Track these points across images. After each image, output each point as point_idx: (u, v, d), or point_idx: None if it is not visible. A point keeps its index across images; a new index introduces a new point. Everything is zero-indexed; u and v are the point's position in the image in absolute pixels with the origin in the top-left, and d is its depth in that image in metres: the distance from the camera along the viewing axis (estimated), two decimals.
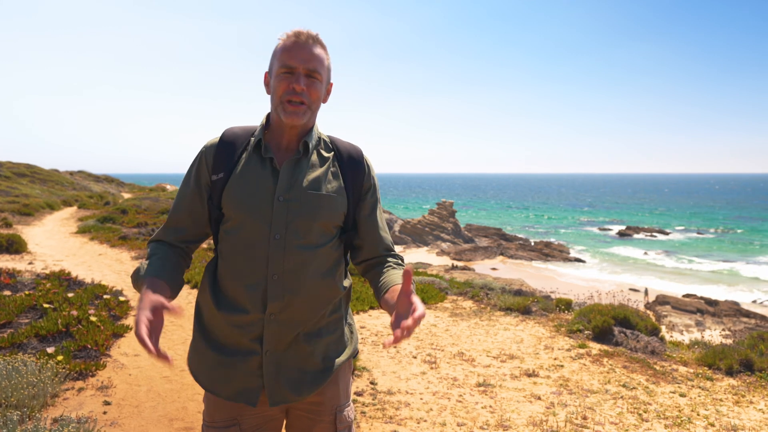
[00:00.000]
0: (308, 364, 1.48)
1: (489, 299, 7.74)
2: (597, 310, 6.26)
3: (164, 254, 1.49)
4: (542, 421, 3.65)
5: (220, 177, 1.47)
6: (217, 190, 1.47)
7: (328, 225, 1.48)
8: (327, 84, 1.51)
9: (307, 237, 1.45)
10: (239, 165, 1.47)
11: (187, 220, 1.53)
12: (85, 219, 15.63)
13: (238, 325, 1.44)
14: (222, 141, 1.50)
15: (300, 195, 1.45)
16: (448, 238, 38.78)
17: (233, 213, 1.45)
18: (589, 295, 13.43)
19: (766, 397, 4.29)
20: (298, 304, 1.44)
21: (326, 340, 1.52)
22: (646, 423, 3.69)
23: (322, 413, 1.54)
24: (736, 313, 20.14)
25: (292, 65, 1.42)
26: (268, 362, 1.44)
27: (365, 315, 6.65)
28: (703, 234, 48.98)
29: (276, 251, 1.42)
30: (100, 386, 3.87)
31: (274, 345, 1.44)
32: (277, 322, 1.43)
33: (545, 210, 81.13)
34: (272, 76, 1.47)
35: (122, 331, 5.06)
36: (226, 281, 1.46)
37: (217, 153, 1.49)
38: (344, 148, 1.58)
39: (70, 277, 7.05)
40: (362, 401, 3.94)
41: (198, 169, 1.51)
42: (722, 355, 5.06)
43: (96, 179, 40.10)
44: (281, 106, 1.43)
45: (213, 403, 1.50)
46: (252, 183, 1.45)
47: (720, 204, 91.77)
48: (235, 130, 1.52)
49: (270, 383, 1.44)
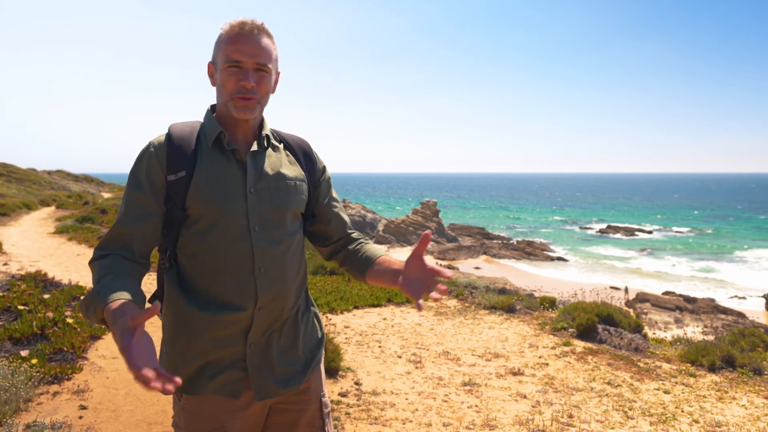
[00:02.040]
0: (292, 355, 1.49)
1: (473, 298, 7.73)
2: (581, 307, 6.27)
3: (119, 269, 1.28)
4: (528, 420, 3.63)
5: (180, 176, 1.37)
6: (178, 191, 1.37)
7: (297, 212, 1.51)
8: (275, 75, 1.48)
9: (282, 226, 1.45)
10: (201, 161, 1.40)
11: (142, 228, 1.36)
12: (63, 219, 15.32)
13: (225, 324, 1.39)
14: (171, 138, 1.40)
15: (270, 185, 1.44)
16: (432, 237, 38.85)
17: (205, 211, 1.38)
18: (573, 293, 13.54)
19: (749, 393, 4.32)
20: (282, 294, 1.44)
21: (303, 327, 1.53)
22: (631, 420, 3.69)
23: (309, 402, 1.54)
24: (713, 310, 20.48)
25: (238, 60, 1.36)
26: (252, 354, 1.41)
27: (349, 315, 6.59)
28: (683, 233, 49.76)
29: (259, 243, 1.40)
30: (76, 390, 3.75)
31: (257, 337, 1.42)
32: (265, 314, 1.41)
33: (529, 209, 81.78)
34: (218, 69, 1.40)
35: (100, 333, 4.93)
36: (206, 282, 1.39)
37: (170, 151, 1.38)
38: (292, 139, 1.60)
39: (47, 278, 6.87)
40: (347, 402, 3.88)
41: (149, 171, 1.38)
42: (704, 352, 5.10)
43: (75, 179, 39.40)
44: (231, 102, 1.39)
45: (192, 414, 1.41)
46: (221, 178, 1.39)
47: (705, 203, 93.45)
48: (180, 126, 1.44)
49: (255, 377, 1.41)
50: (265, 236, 1.41)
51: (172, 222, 1.40)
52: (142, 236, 1.37)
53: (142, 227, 1.37)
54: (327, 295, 7.17)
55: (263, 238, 1.40)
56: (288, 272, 1.45)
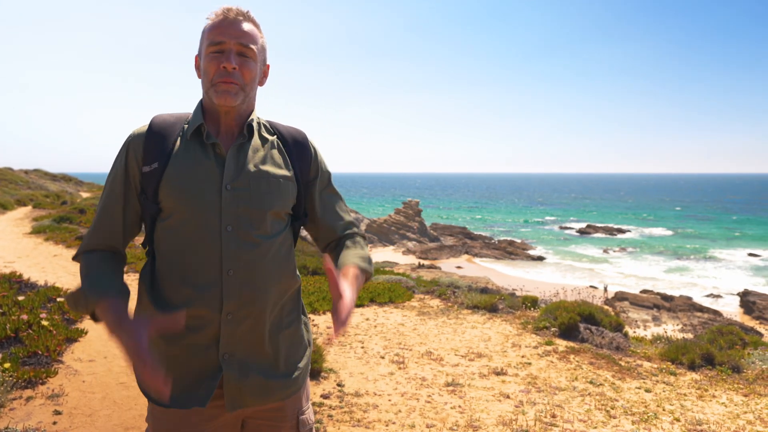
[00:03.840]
0: (271, 366, 1.39)
1: (456, 297, 7.74)
2: (563, 307, 6.31)
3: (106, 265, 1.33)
4: (512, 420, 3.62)
5: (153, 168, 1.32)
6: (151, 183, 1.32)
7: (279, 213, 1.40)
8: (263, 65, 1.41)
9: (260, 227, 1.35)
10: (177, 153, 1.33)
11: (120, 221, 1.36)
12: (40, 219, 14.98)
13: (190, 328, 1.31)
14: (151, 129, 1.35)
15: (249, 182, 1.34)
16: (414, 237, 38.95)
17: (175, 206, 1.31)
18: (555, 292, 13.66)
19: (728, 390, 4.38)
20: (256, 300, 1.33)
21: (286, 336, 1.43)
22: (614, 420, 3.70)
23: (284, 419, 1.44)
24: (690, 308, 20.86)
25: (221, 40, 1.31)
26: (226, 363, 1.33)
27: None
28: (662, 233, 50.56)
29: (229, 245, 1.31)
30: (50, 395, 3.65)
31: (232, 346, 1.33)
32: (235, 321, 1.32)
33: (510, 209, 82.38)
34: (202, 57, 1.35)
35: (76, 336, 4.81)
36: (170, 283, 1.33)
37: (147, 142, 1.33)
38: (287, 132, 1.49)
39: (22, 279, 6.70)
40: (329, 404, 3.83)
41: (126, 162, 1.34)
42: (684, 350, 5.16)
43: (53, 178, 38.61)
44: (212, 88, 1.32)
45: (160, 421, 1.35)
46: (195, 172, 1.32)
47: (685, 203, 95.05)
48: (165, 117, 1.38)
49: (230, 387, 1.33)
50: (237, 237, 1.32)
51: (146, 216, 1.36)
52: (120, 229, 1.37)
53: (119, 219, 1.36)
54: (309, 295, 7.12)
55: (235, 239, 1.31)
56: (264, 277, 1.35)
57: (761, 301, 21.93)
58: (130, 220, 1.37)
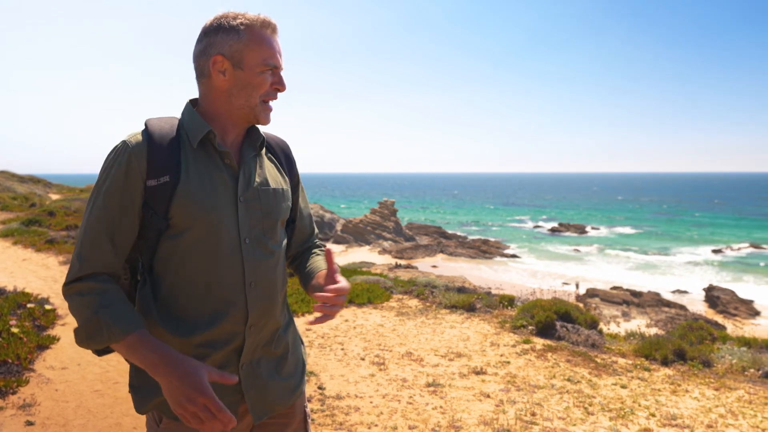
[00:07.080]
0: (284, 368, 1.42)
1: (434, 297, 7.77)
2: (539, 305, 6.39)
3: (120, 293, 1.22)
4: (493, 420, 3.65)
5: (164, 182, 1.22)
6: (160, 198, 1.22)
7: (284, 222, 1.44)
8: None
9: (273, 237, 1.37)
10: (187, 164, 1.25)
11: (121, 239, 1.24)
12: (8, 222, 14.53)
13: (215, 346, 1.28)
14: (152, 138, 1.24)
15: (258, 193, 1.34)
16: (390, 236, 39.01)
17: (193, 222, 1.24)
18: (531, 290, 13.82)
19: (700, 385, 4.49)
20: (271, 308, 1.36)
21: (289, 335, 1.46)
22: (592, 416, 3.77)
23: (294, 415, 1.48)
24: (658, 304, 21.40)
25: (276, 65, 1.30)
26: (245, 376, 1.32)
27: (310, 317, 6.50)
28: (631, 230, 51.67)
29: (250, 256, 1.30)
30: (22, 404, 3.54)
31: (250, 356, 1.33)
32: (256, 331, 1.33)
33: (483, 208, 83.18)
34: (244, 67, 1.27)
35: (48, 343, 4.68)
36: (188, 301, 1.27)
37: (151, 153, 1.22)
38: (275, 141, 1.51)
39: None
40: (311, 407, 3.81)
41: (127, 174, 1.21)
42: (657, 346, 5.28)
43: (20, 180, 37.44)
44: (261, 106, 1.31)
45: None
46: (211, 184, 1.26)
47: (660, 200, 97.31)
48: (160, 124, 1.28)
49: (251, 398, 1.33)
50: (256, 248, 1.31)
51: (150, 232, 1.26)
52: (120, 249, 1.25)
53: (120, 237, 1.24)
54: (288, 297, 7.06)
55: (254, 251, 1.30)
56: (277, 285, 1.37)
57: (724, 296, 22.64)
58: (128, 237, 1.26)
